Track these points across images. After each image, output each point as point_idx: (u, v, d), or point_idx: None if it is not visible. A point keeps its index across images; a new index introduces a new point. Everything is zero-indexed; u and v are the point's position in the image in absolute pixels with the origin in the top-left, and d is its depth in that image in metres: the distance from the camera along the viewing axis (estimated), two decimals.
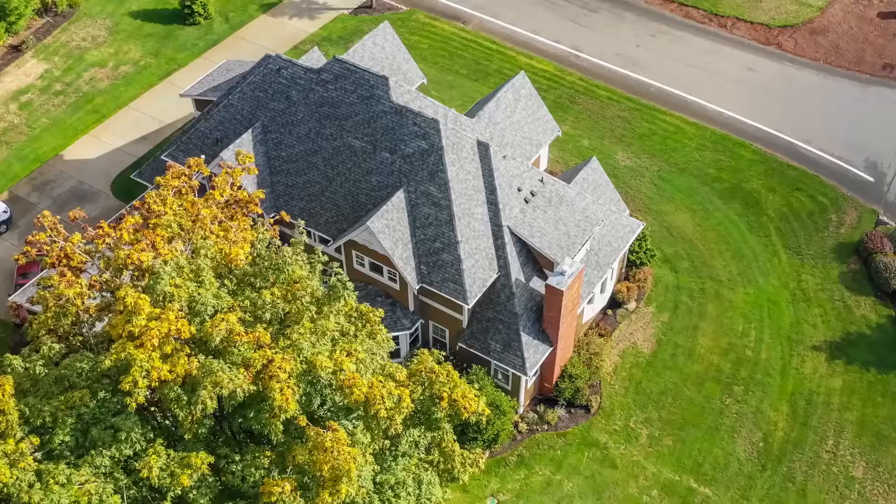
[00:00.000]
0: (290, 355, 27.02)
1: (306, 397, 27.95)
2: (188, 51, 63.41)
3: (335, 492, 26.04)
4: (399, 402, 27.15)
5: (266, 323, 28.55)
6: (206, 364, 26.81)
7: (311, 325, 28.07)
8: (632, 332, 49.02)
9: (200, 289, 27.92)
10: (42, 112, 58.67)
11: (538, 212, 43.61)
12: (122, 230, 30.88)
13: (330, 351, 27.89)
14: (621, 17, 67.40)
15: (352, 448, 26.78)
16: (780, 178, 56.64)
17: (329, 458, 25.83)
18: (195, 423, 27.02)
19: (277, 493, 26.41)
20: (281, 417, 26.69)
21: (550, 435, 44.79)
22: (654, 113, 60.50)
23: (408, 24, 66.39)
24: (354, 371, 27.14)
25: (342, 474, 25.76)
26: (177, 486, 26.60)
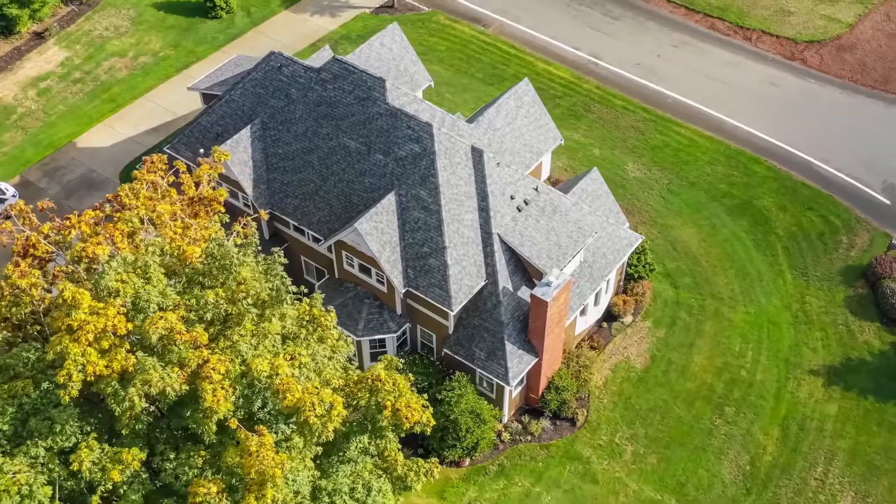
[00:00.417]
0: (226, 357, 27.07)
1: (244, 399, 27.99)
2: (208, 44, 63.94)
3: (261, 496, 26.08)
4: (330, 409, 27.06)
5: (207, 323, 28.64)
6: (142, 361, 26.98)
7: (253, 328, 28.11)
8: (626, 347, 48.42)
9: (147, 286, 28.10)
10: (59, 99, 59.54)
11: (530, 220, 43.25)
12: (81, 223, 31.20)
13: (273, 354, 27.92)
14: (644, 27, 66.64)
15: (280, 454, 26.77)
16: (793, 196, 55.57)
17: (255, 463, 25.88)
18: (132, 419, 27.22)
19: (203, 494, 26.49)
20: (213, 418, 26.76)
21: (533, 446, 44.42)
22: (669, 125, 59.72)
23: (428, 26, 66.30)
24: (290, 376, 27.10)
25: (267, 479, 25.79)
26: (107, 480, 26.81)
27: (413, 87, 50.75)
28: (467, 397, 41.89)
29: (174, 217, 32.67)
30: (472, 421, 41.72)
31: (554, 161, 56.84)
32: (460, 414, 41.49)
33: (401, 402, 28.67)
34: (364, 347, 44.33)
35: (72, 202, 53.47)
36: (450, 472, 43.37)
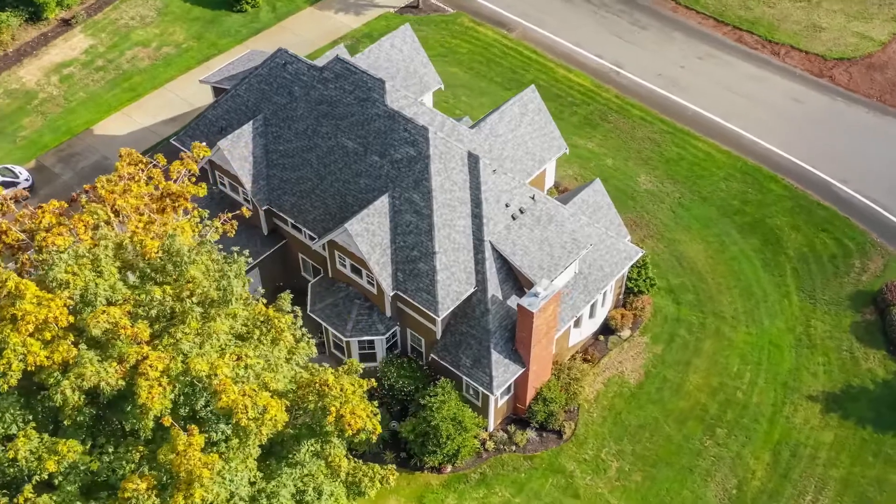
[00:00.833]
0: (167, 354, 27.17)
1: (185, 398, 28.07)
2: (231, 37, 64.42)
3: (189, 495, 26.13)
4: (264, 413, 27.03)
5: (152, 319, 28.78)
6: (81, 354, 27.21)
7: (198, 327, 28.18)
8: (621, 361, 47.80)
9: (99, 279, 28.32)
10: (81, 86, 60.40)
11: (524, 229, 42.87)
12: (44, 213, 31.54)
13: (219, 354, 27.96)
14: (670, 37, 65.75)
15: (212, 454, 26.80)
16: (808, 216, 54.41)
17: (182, 462, 25.93)
18: (75, 411, 27.47)
19: (132, 490, 26.63)
20: (149, 415, 26.88)
21: (517, 457, 44.04)
22: (687, 138, 58.84)
23: (451, 28, 66.10)
24: (229, 377, 27.09)
25: (195, 479, 25.84)
26: (43, 470, 27.10)
27: (422, 89, 50.60)
28: (450, 404, 41.66)
29: (138, 211, 32.91)
30: (453, 428, 41.49)
31: (565, 170, 56.36)
32: (441, 420, 41.27)
33: (345, 409, 28.54)
34: (353, 348, 44.32)
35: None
36: (430, 477, 43.19)
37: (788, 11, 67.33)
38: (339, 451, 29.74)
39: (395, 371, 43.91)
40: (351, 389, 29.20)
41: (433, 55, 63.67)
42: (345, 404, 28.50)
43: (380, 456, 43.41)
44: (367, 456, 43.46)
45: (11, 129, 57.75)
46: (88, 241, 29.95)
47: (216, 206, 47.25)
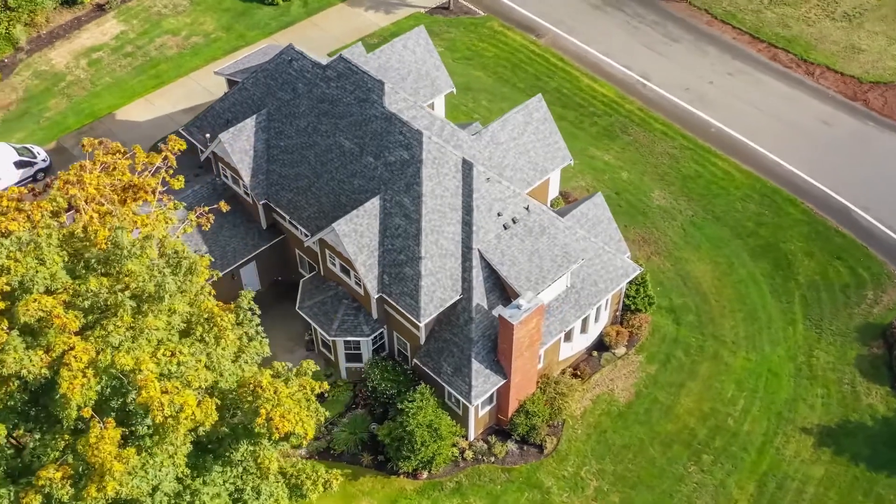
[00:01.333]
0: (93, 346, 27.39)
1: (113, 391, 28.26)
2: (259, 30, 64.92)
3: (101, 487, 26.31)
4: (179, 411, 27.06)
5: (86, 310, 29.01)
6: (8, 341, 27.54)
7: (131, 321, 28.35)
8: (612, 379, 47.06)
9: (41, 266, 28.67)
10: (108, 71, 61.43)
11: (515, 240, 42.42)
12: (2, 197, 32.03)
13: (154, 349, 28.10)
14: (703, 51, 64.51)
15: (129, 448, 26.94)
16: (823, 243, 52.95)
17: (94, 454, 26.13)
18: (6, 395, 27.85)
19: (45, 479, 26.91)
20: (72, 405, 27.11)
21: (495, 468, 43.63)
22: (707, 155, 57.69)
23: (479, 31, 65.74)
24: (154, 372, 27.18)
25: (106, 471, 25.99)
26: None
27: (433, 92, 50.40)
28: (427, 411, 41.43)
29: (95, 200, 33.25)
30: (428, 435, 41.26)
31: (577, 181, 55.71)
32: (417, 426, 41.07)
33: (276, 411, 28.50)
34: (339, 348, 44.35)
35: None
36: (406, 482, 43.02)
37: (828, 31, 65.59)
38: (270, 453, 29.71)
39: (379, 373, 43.84)
40: (286, 392, 29.14)
41: (458, 57, 63.57)
42: (276, 407, 28.49)
43: (357, 457, 43.41)
44: (344, 456, 43.54)
45: (37, 109, 58.99)
46: (41, 230, 30.40)
47: (218, 197, 47.61)
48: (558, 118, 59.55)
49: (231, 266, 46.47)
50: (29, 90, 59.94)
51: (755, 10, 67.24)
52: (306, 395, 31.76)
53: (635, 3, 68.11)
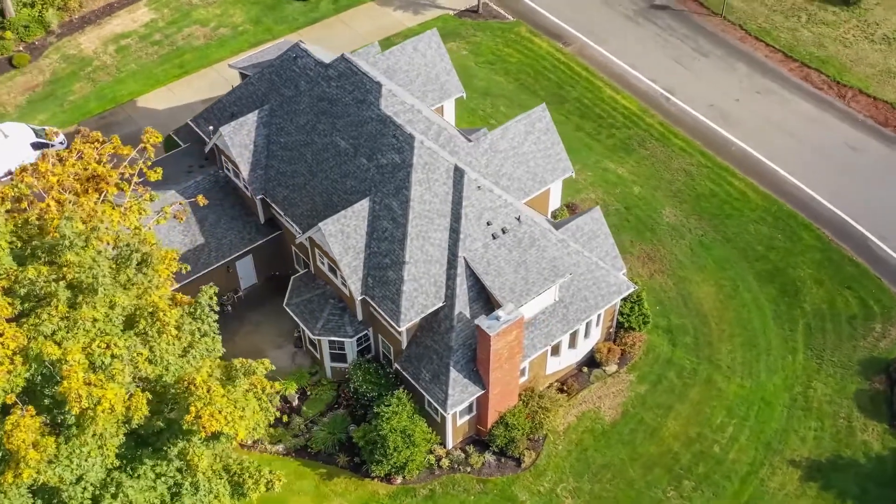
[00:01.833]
0: (25, 333, 27.68)
1: (43, 379, 28.55)
2: (287, 24, 65.31)
3: (18, 474, 26.60)
4: (97, 404, 27.18)
5: (23, 297, 29.34)
6: None
7: (66, 311, 28.61)
8: (600, 397, 46.37)
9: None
10: (134, 58, 62.34)
11: (503, 250, 42.01)
12: None
13: (90, 340, 28.32)
14: (732, 67, 63.23)
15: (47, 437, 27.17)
16: (835, 271, 51.54)
17: (10, 441, 26.43)
18: None
19: None
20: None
21: (470, 478, 43.29)
22: (724, 174, 56.52)
23: (506, 36, 65.27)
24: (79, 363, 27.35)
25: (20, 459, 26.29)
26: None
27: (442, 96, 50.18)
28: (402, 416, 41.27)
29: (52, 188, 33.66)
30: (401, 441, 41.10)
31: (587, 193, 55.03)
32: (390, 431, 40.95)
33: (206, 410, 28.54)
34: (324, 347, 44.42)
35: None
36: (379, 486, 42.92)
37: (864, 53, 63.83)
38: (200, 451, 29.79)
39: (362, 375, 43.81)
40: (220, 392, 29.17)
41: (481, 61, 63.24)
42: (207, 406, 28.56)
43: (334, 457, 43.44)
44: (321, 455, 43.61)
45: (62, 92, 60.11)
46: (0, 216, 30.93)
47: (220, 189, 48.14)
48: (575, 128, 59.08)
49: (226, 258, 46.83)
50: (56, 73, 61.13)
51: (791, 28, 65.73)
52: (257, 393, 31.82)
53: (669, 15, 67.04)
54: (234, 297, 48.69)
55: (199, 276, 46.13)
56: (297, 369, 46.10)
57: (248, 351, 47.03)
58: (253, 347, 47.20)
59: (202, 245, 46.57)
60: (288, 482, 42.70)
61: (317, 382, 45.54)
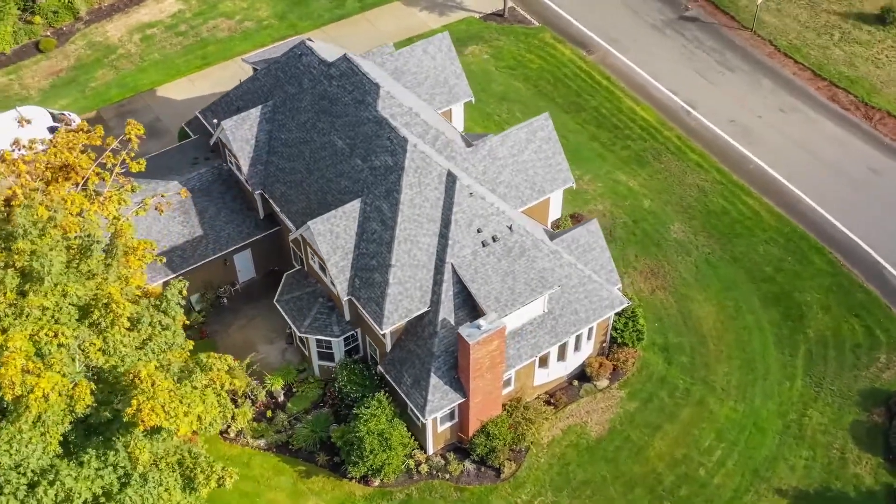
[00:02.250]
0: None
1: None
2: (311, 21, 65.57)
3: None
4: (30, 392, 27.37)
5: None
6: None
7: (13, 298, 28.87)
8: (588, 411, 45.80)
9: None
10: (158, 48, 63.08)
11: (491, 258, 41.68)
12: None
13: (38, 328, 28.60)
14: (758, 83, 62.03)
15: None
16: (844, 297, 50.27)
17: None
18: None
19: None
20: None
21: (448, 486, 43.04)
22: (738, 192, 55.45)
23: (529, 41, 64.79)
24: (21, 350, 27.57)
25: None
26: None
27: (450, 99, 49.96)
28: (380, 419, 41.19)
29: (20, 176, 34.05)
30: (378, 443, 41.02)
31: (595, 204, 54.41)
32: (367, 433, 40.90)
33: (147, 404, 28.65)
34: (312, 345, 44.50)
35: None
36: (357, 487, 42.86)
37: None
38: (142, 443, 29.94)
39: (347, 375, 43.83)
40: (165, 386, 29.25)
41: (502, 66, 62.86)
42: (150, 399, 28.69)
43: (313, 456, 43.51)
44: (302, 453, 43.71)
45: (84, 78, 61.05)
46: None
47: (222, 182, 48.49)
48: (590, 138, 58.45)
49: (223, 251, 47.13)
50: (80, 59, 62.09)
51: (822, 46, 64.30)
52: (216, 389, 31.93)
53: (697, 27, 66.01)
54: (231, 290, 49.00)
55: (195, 267, 46.54)
56: (286, 365, 46.25)
57: (240, 344, 47.43)
58: (245, 341, 47.49)
59: (200, 237, 46.93)
60: (266, 478, 43.25)
61: (304, 380, 45.64)
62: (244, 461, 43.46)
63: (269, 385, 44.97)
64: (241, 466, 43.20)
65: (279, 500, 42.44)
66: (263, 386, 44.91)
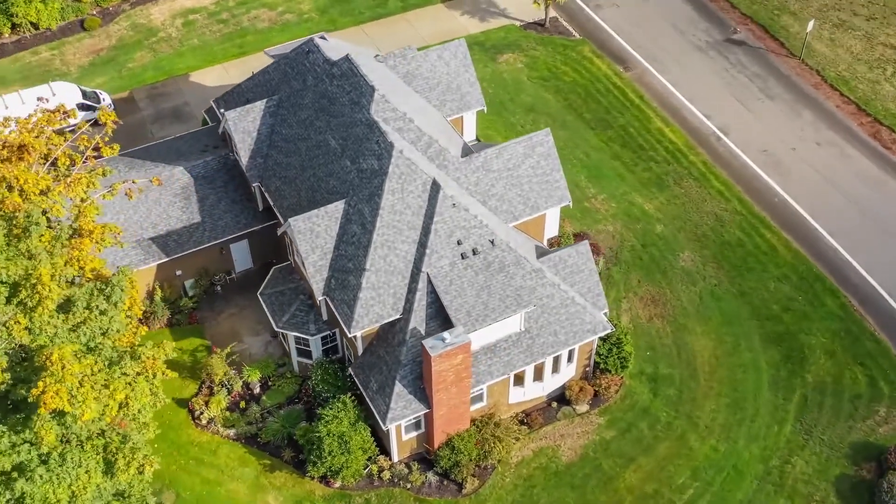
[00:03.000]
0: None
1: None
2: (351, 18, 65.90)
3: None
4: None
5: None
6: None
7: None
8: (562, 435, 44.89)
9: None
10: (198, 34, 64.22)
11: (469, 271, 41.19)
12: None
13: None
14: (797, 114, 59.95)
15: None
16: (851, 344, 48.18)
17: None
18: None
19: None
20: None
21: (408, 495, 42.71)
22: (758, 225, 53.65)
23: (567, 53, 63.88)
24: None
25: None
26: None
27: (461, 107, 49.58)
28: (343, 422, 41.11)
29: None
30: (337, 445, 40.97)
31: (604, 224, 53.30)
32: (327, 434, 40.89)
33: (53, 387, 28.97)
34: (291, 341, 44.69)
35: (154, 127, 57.91)
36: (317, 487, 42.86)
37: None
38: (48, 424, 30.28)
39: (321, 374, 43.90)
40: (76, 369, 29.53)
41: (535, 76, 62.13)
42: (57, 383, 29.04)
43: (280, 450, 43.70)
44: (269, 447, 43.93)
45: (123, 59, 62.53)
46: None
47: (227, 172, 49.00)
48: (612, 156, 57.31)
49: (217, 240, 47.68)
50: (122, 40, 63.60)
51: (873, 80, 61.82)
52: (147, 377, 32.25)
53: (743, 52, 64.17)
54: (227, 279, 49.55)
55: (189, 252, 47.22)
56: (267, 358, 46.54)
57: (227, 332, 47.93)
58: (232, 330, 47.98)
59: (197, 223, 47.59)
60: (231, 468, 43.61)
61: (282, 375, 45.85)
62: (212, 449, 43.91)
63: (246, 376, 45.34)
64: (208, 454, 43.80)
65: (240, 491, 42.76)
66: (241, 376, 45.29)
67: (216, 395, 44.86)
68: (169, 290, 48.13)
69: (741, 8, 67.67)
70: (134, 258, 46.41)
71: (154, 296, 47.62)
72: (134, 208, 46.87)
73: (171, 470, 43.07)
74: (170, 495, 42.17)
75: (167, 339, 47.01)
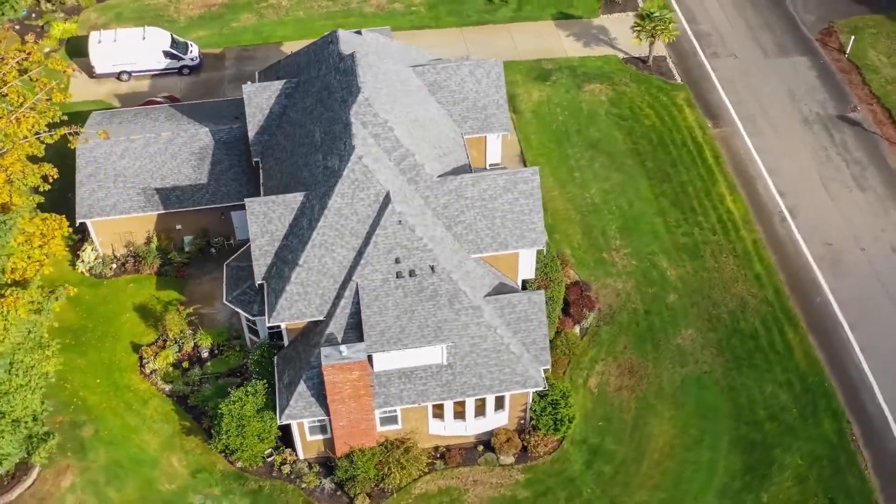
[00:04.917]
0: None
1: None
2: (458, 17, 65.45)
3: None
4: None
5: None
6: None
7: None
8: (475, 481, 43.14)
9: None
10: (304, 7, 66.01)
11: (399, 291, 40.32)
12: None
13: None
14: (885, 212, 53.93)
15: None
16: (830, 475, 43.13)
17: None
18: None
19: None
20: None
21: (299, 495, 42.49)
22: (784, 322, 48.77)
23: (657, 96, 60.51)
24: None
25: None
26: None
27: (483, 127, 48.34)
28: (247, 406, 41.57)
29: None
30: (233, 427, 41.50)
31: (611, 279, 50.38)
32: (227, 413, 41.51)
33: None
34: (243, 319, 45.56)
35: (230, 87, 60.27)
36: (221, 461, 43.44)
37: None
38: None
39: (259, 355, 44.51)
40: None
41: (613, 113, 59.44)
42: None
43: (201, 417, 44.76)
44: (195, 411, 45.08)
45: (229, 17, 65.38)
46: None
47: (245, 142, 50.22)
48: (657, 212, 53.90)
49: (215, 204, 49.23)
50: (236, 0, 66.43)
51: None
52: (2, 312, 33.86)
53: (853, 133, 58.33)
54: (225, 243, 51.08)
55: (185, 210, 49.11)
56: (226, 327, 47.66)
57: (205, 292, 49.43)
58: (210, 291, 49.31)
59: (203, 185, 49.33)
60: (153, 420, 45.21)
61: (232, 347, 46.83)
62: (144, 399, 45.63)
63: (198, 339, 46.73)
64: (138, 402, 45.59)
65: (151, 444, 44.17)
66: (194, 338, 46.73)
67: (167, 349, 46.54)
68: (167, 242, 50.28)
69: (872, 85, 61.35)
70: (135, 203, 48.84)
71: (150, 243, 49.94)
72: (151, 158, 49.32)
73: (101, 406, 45.23)
74: (89, 428, 44.31)
75: (150, 285, 49.30)
